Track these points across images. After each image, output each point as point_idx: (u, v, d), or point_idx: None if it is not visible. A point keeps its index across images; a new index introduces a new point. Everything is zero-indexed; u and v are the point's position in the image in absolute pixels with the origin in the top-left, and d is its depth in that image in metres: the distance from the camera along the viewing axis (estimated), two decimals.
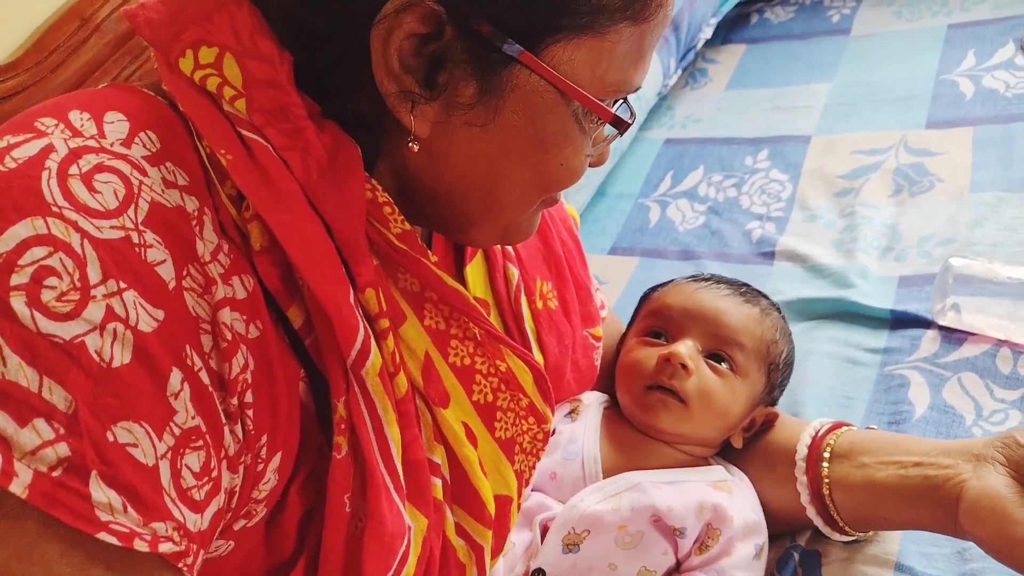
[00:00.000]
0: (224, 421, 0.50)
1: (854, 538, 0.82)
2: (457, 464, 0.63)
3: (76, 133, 0.48)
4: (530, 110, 0.54)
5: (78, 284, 0.44)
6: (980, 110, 1.43)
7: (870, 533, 0.83)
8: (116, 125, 0.50)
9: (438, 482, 0.62)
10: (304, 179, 0.53)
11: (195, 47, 0.53)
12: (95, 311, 0.44)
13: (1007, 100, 1.43)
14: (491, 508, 0.66)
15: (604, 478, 0.82)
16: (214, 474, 0.49)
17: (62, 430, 0.43)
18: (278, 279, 0.53)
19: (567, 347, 0.80)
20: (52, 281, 0.44)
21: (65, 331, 0.44)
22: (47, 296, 0.43)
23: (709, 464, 0.86)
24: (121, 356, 0.45)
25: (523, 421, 0.69)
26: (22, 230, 0.44)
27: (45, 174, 0.45)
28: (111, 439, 0.44)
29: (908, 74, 1.59)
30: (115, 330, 0.45)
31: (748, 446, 0.87)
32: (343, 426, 0.55)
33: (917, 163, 1.37)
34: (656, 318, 0.90)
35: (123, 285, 0.45)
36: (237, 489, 0.52)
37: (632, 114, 0.61)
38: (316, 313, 0.54)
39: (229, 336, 0.50)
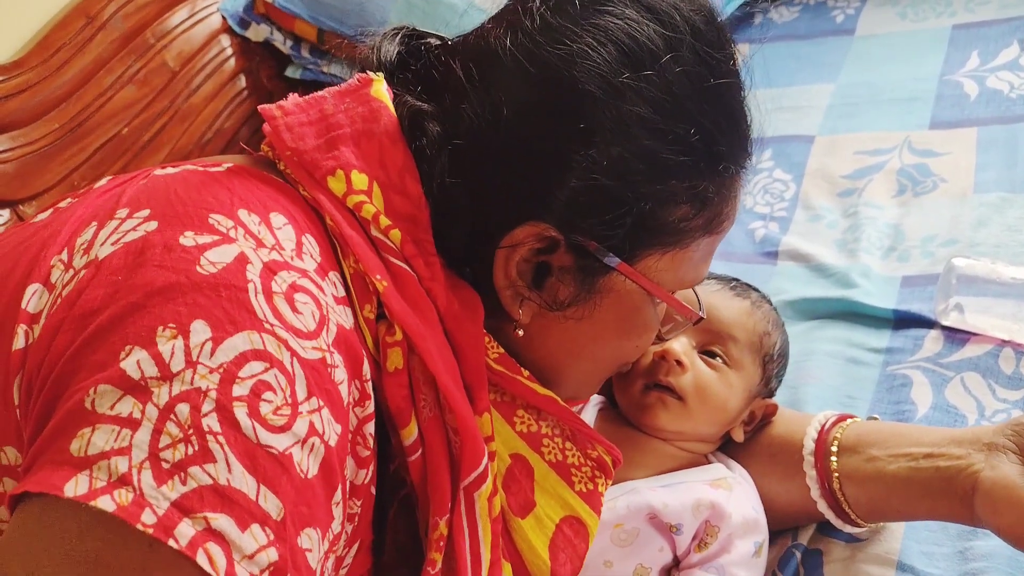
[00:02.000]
0: (345, 523, 0.54)
1: (864, 528, 0.82)
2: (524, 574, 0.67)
3: (259, 243, 0.51)
4: (621, 308, 0.63)
5: (289, 400, 0.47)
6: (984, 111, 1.43)
7: (878, 526, 0.83)
8: (284, 231, 0.53)
9: None
10: (446, 310, 0.58)
11: (347, 169, 0.57)
12: (302, 426, 0.48)
13: (1011, 101, 1.43)
14: None
15: None
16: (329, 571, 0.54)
17: (272, 536, 0.46)
18: (403, 399, 0.57)
19: None
20: (269, 395, 0.47)
21: (279, 443, 0.47)
22: (265, 409, 0.46)
23: (709, 462, 0.86)
24: (313, 468, 0.48)
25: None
26: (240, 343, 0.47)
27: (251, 287, 0.48)
28: (300, 545, 0.47)
29: (912, 74, 1.59)
30: (313, 444, 0.48)
31: (751, 440, 0.87)
32: (441, 543, 0.59)
33: (921, 163, 1.37)
34: None
35: (321, 403, 0.49)
36: None
37: (700, 303, 0.72)
38: (431, 434, 0.58)
39: (371, 446, 0.54)
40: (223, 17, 1.54)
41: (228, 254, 0.49)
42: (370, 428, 0.54)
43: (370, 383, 0.54)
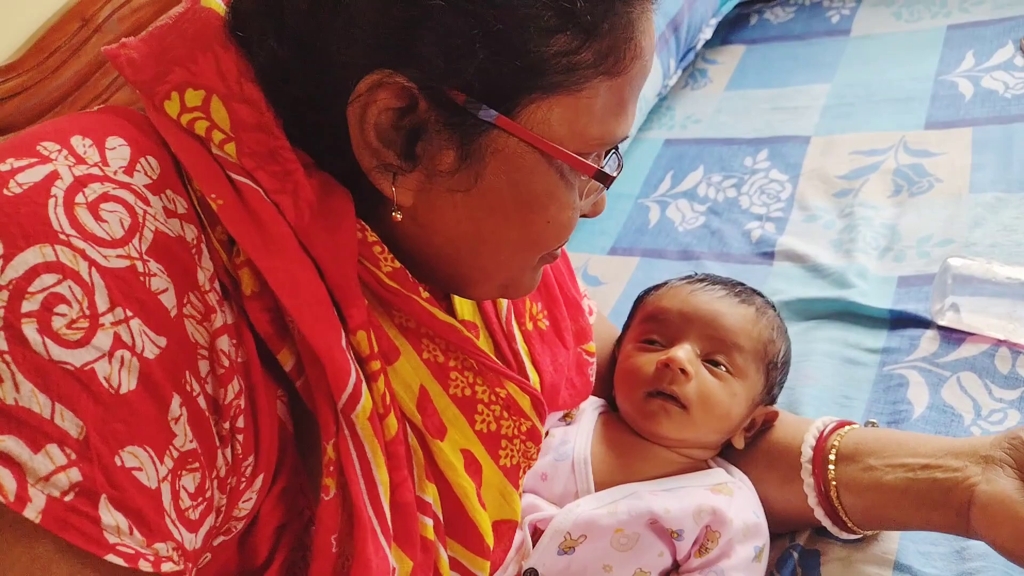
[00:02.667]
0: (217, 444, 0.51)
1: (860, 536, 0.82)
2: (453, 499, 0.64)
3: (79, 160, 0.49)
4: (512, 172, 0.54)
5: (87, 312, 0.45)
6: (979, 111, 1.43)
7: (871, 533, 0.83)
8: (118, 151, 0.50)
9: (429, 521, 0.62)
10: (296, 222, 0.53)
11: (180, 89, 0.53)
12: (104, 339, 0.45)
13: (1006, 101, 1.43)
14: (489, 539, 0.66)
15: (595, 479, 0.82)
16: (207, 495, 0.51)
17: (74, 456, 0.44)
18: (268, 323, 0.54)
19: (561, 366, 0.80)
20: (62, 308, 0.45)
21: (76, 358, 0.45)
22: (58, 323, 0.44)
23: (709, 467, 0.86)
24: (128, 382, 0.46)
25: (525, 446, 0.70)
26: (31, 257, 0.45)
27: (52, 202, 0.46)
28: (119, 463, 0.45)
29: (907, 75, 1.59)
30: (122, 357, 0.46)
31: (750, 446, 0.88)
32: (332, 468, 0.56)
33: (916, 164, 1.37)
34: (652, 323, 0.90)
35: (129, 313, 0.46)
36: (223, 508, 0.53)
37: (620, 165, 0.61)
38: (307, 357, 0.55)
39: (226, 363, 0.51)
40: None
41: (39, 174, 0.47)
42: (223, 343, 0.51)
43: (213, 295, 0.51)
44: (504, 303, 0.75)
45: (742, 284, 0.93)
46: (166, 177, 0.51)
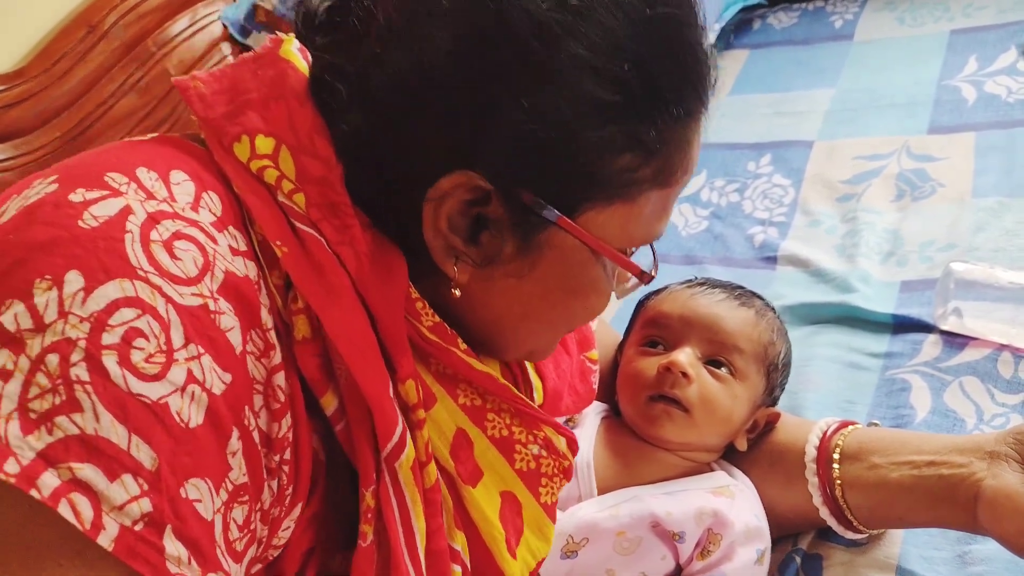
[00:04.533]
0: (265, 477, 0.52)
1: (865, 535, 0.82)
2: (481, 547, 0.65)
3: (149, 195, 0.50)
4: (564, 265, 0.59)
5: (163, 347, 0.46)
6: (982, 115, 1.43)
7: (879, 532, 0.83)
8: (183, 186, 0.52)
9: (458, 569, 0.63)
10: (356, 273, 0.55)
11: (251, 134, 0.55)
12: (178, 373, 0.47)
13: (1009, 105, 1.43)
14: None
15: (598, 483, 0.82)
16: (252, 527, 0.52)
17: (146, 486, 0.45)
18: (316, 368, 0.55)
19: (564, 372, 0.81)
20: (141, 342, 0.46)
21: (152, 391, 0.46)
22: (136, 357, 0.46)
23: (712, 470, 0.87)
24: (196, 417, 0.47)
25: (561, 482, 0.71)
26: (112, 290, 0.46)
27: (128, 237, 0.47)
28: (183, 495, 0.47)
29: (910, 79, 1.59)
30: (193, 392, 0.47)
31: (752, 447, 0.88)
32: (370, 515, 0.57)
33: (919, 168, 1.37)
34: (653, 327, 0.90)
35: (201, 350, 0.48)
36: (264, 538, 0.55)
37: (655, 262, 0.67)
38: (351, 404, 0.56)
39: (282, 398, 0.53)
40: (224, 25, 1.55)
41: (113, 207, 0.48)
42: (279, 380, 0.52)
43: (273, 333, 0.52)
44: None
45: (741, 287, 0.93)
46: (228, 214, 0.53)
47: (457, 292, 0.59)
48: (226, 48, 1.55)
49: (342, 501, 0.59)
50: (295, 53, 0.59)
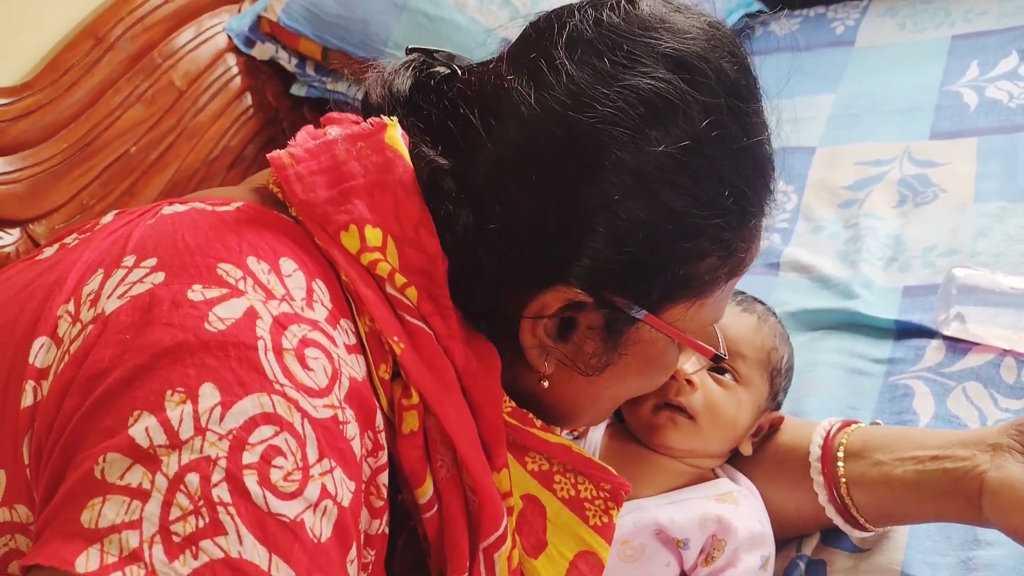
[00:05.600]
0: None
1: (871, 533, 0.82)
2: None
3: (269, 294, 0.50)
4: (645, 354, 0.63)
5: (299, 464, 0.47)
6: (984, 121, 1.43)
7: (884, 529, 0.83)
8: (294, 278, 0.52)
9: None
10: (464, 367, 0.57)
11: (360, 224, 0.56)
12: (313, 490, 0.47)
13: (1011, 111, 1.43)
14: None
15: None
16: None
17: None
18: (417, 460, 0.57)
19: None
20: (279, 461, 0.46)
21: (290, 510, 0.46)
22: (275, 476, 0.46)
23: (716, 476, 0.87)
24: (326, 531, 0.48)
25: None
26: (249, 406, 0.46)
27: (261, 345, 0.48)
28: None
29: (912, 85, 1.59)
30: (325, 507, 0.48)
31: (757, 451, 0.88)
32: None
33: (921, 174, 1.37)
34: None
35: (333, 464, 0.48)
36: None
37: (722, 343, 0.72)
38: (448, 494, 0.58)
39: (385, 496, 0.54)
40: (229, 36, 1.56)
41: (237, 309, 0.48)
42: (383, 478, 0.54)
43: (383, 434, 0.54)
44: None
45: (743, 293, 0.93)
46: (337, 305, 0.54)
47: (545, 384, 0.63)
48: (231, 59, 1.56)
49: None
50: (399, 141, 0.59)
